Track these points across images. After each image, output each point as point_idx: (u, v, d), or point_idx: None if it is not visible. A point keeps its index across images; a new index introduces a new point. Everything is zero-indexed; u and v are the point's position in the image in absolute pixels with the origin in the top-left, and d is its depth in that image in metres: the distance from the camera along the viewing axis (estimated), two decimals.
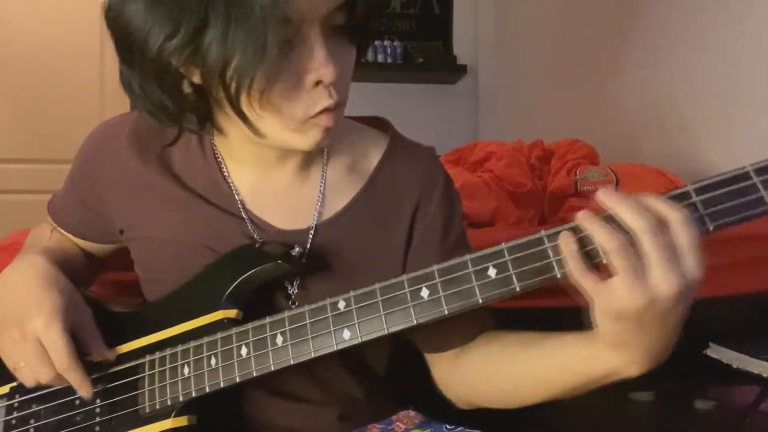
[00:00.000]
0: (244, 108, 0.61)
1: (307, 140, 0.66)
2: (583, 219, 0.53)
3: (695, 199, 0.52)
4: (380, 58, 3.15)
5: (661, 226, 0.50)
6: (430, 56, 3.23)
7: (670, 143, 1.92)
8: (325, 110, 0.64)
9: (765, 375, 1.12)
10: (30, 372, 0.68)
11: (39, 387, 0.73)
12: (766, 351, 1.15)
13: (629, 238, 0.51)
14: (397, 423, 0.79)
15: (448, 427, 0.75)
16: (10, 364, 0.70)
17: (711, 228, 0.51)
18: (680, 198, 0.52)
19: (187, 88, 0.65)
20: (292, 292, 0.73)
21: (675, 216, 0.50)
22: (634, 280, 0.50)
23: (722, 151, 1.69)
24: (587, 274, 0.53)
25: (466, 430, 0.74)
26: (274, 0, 0.55)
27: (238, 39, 0.56)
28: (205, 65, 0.58)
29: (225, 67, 0.57)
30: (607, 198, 0.53)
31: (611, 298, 0.52)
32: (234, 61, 0.57)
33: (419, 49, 3.23)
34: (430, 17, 3.33)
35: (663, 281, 0.50)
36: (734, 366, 1.16)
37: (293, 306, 0.73)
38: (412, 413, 0.80)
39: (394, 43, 3.20)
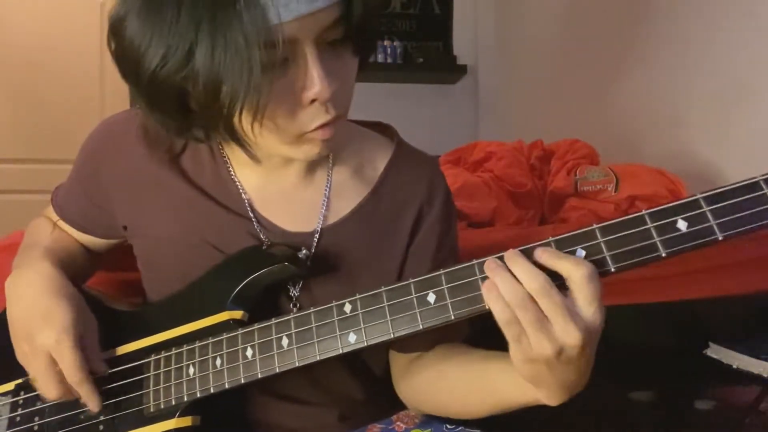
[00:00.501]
0: (238, 129, 0.62)
1: (304, 153, 0.67)
2: (489, 270, 0.56)
3: (705, 208, 0.52)
4: (380, 58, 3.14)
5: (558, 282, 0.53)
6: (430, 56, 3.23)
7: (669, 143, 1.92)
8: (322, 125, 0.64)
9: (765, 375, 1.12)
10: (41, 386, 0.69)
11: None
12: (766, 351, 1.15)
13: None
14: (398, 423, 0.80)
15: (448, 426, 0.76)
16: (29, 373, 0.71)
17: (721, 238, 0.52)
18: (690, 207, 0.53)
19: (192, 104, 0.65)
20: (294, 295, 0.73)
21: (576, 273, 0.53)
22: (538, 334, 0.53)
23: (721, 152, 1.69)
24: (509, 322, 0.54)
25: (467, 429, 0.74)
26: (259, 25, 0.54)
27: (224, 65, 0.55)
28: (196, 89, 0.59)
29: (216, 91, 0.57)
30: (508, 259, 0.55)
31: (523, 347, 0.55)
32: (224, 87, 0.56)
33: (419, 49, 3.23)
34: (430, 17, 3.32)
35: (564, 334, 0.53)
36: (734, 366, 1.17)
37: (295, 308, 0.73)
38: (412, 413, 0.81)
39: (394, 43, 3.19)
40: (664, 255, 0.53)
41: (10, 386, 0.76)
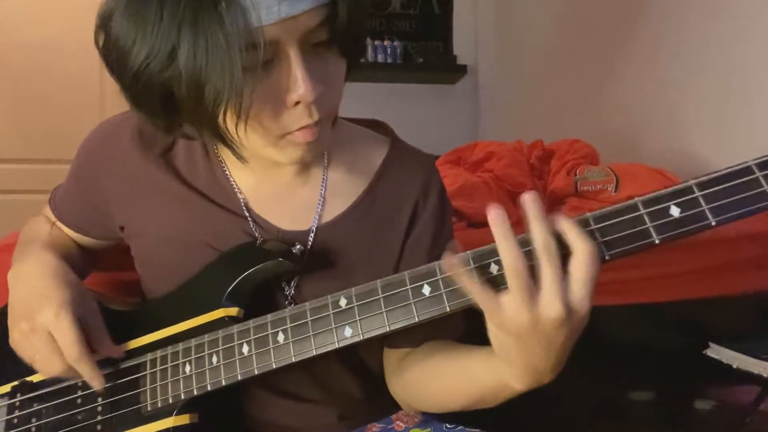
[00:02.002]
0: (223, 129, 0.62)
1: (287, 156, 0.66)
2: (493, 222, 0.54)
3: (698, 194, 0.52)
4: (380, 58, 3.15)
5: (563, 250, 0.52)
6: (430, 56, 3.23)
7: (669, 143, 1.92)
8: (304, 127, 0.63)
9: (765, 375, 1.12)
10: (42, 364, 0.69)
11: (40, 385, 0.73)
12: (766, 351, 1.15)
13: (528, 256, 0.52)
14: (397, 422, 0.80)
15: (448, 426, 0.76)
16: (26, 357, 0.70)
17: (713, 224, 0.51)
18: (683, 193, 0.52)
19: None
20: (289, 294, 0.73)
21: (581, 248, 0.51)
22: (522, 299, 0.51)
23: (721, 152, 1.69)
24: (482, 289, 0.53)
25: (467, 429, 0.74)
26: (240, 27, 0.54)
27: (206, 66, 0.55)
28: (180, 90, 0.58)
29: (200, 92, 0.56)
30: (527, 203, 0.53)
31: (499, 312, 0.53)
32: (207, 88, 0.56)
33: (419, 49, 3.23)
34: (430, 17, 3.33)
35: (548, 305, 0.51)
36: (734, 366, 1.17)
37: (290, 306, 0.73)
38: (411, 412, 0.81)
39: (394, 43, 3.20)
40: (657, 242, 0.53)
41: (6, 388, 0.76)
